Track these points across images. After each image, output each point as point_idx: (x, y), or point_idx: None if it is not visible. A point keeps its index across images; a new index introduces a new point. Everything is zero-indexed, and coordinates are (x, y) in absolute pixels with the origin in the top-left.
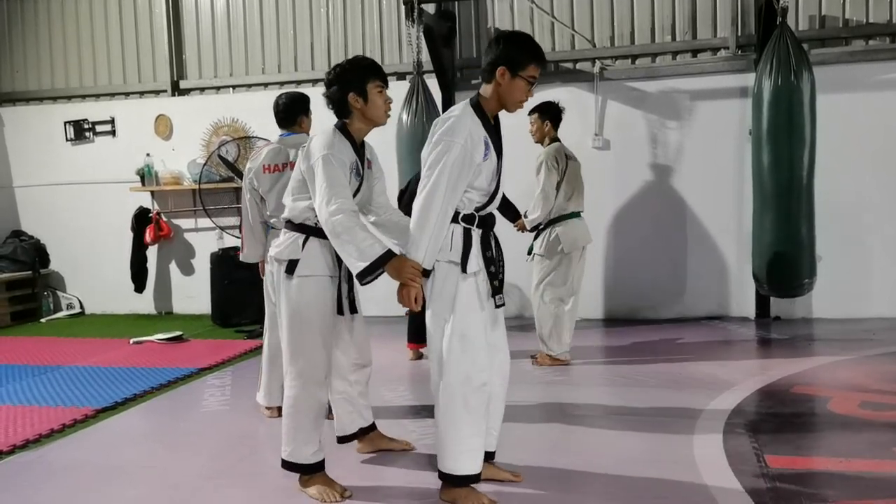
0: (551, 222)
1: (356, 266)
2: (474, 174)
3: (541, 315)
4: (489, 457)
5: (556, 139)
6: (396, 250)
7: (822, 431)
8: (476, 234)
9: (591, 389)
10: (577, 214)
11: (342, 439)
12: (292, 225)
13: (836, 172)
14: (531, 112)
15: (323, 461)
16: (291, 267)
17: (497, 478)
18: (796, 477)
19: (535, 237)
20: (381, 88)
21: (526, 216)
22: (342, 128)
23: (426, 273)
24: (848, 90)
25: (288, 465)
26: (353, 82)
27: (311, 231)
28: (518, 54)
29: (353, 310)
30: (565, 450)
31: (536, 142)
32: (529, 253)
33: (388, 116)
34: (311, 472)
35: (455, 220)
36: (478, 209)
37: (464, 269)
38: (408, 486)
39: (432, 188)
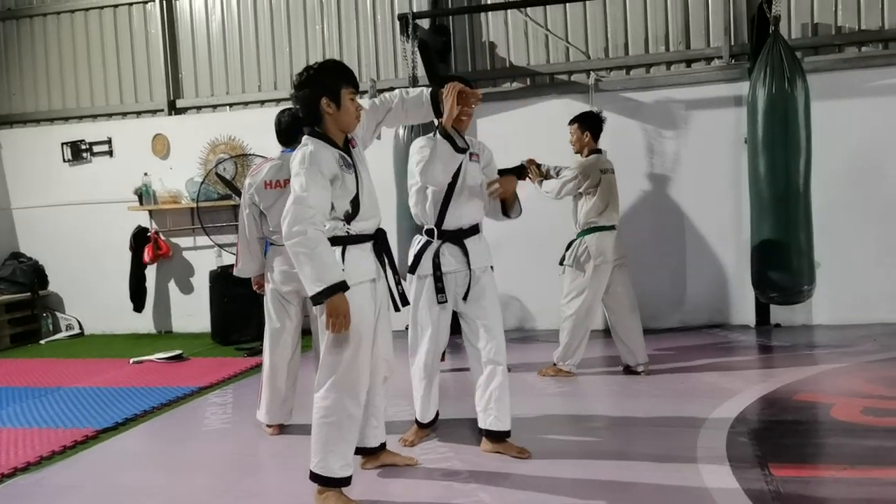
0: (582, 234)
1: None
2: None
3: (565, 326)
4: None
5: (596, 150)
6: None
7: (826, 438)
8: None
9: (593, 399)
10: (609, 227)
11: (359, 451)
12: None
13: (832, 179)
14: (571, 122)
15: (350, 477)
16: None
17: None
18: (800, 484)
19: (567, 248)
20: (354, 96)
21: (543, 180)
22: (316, 133)
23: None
24: (842, 97)
25: (314, 478)
26: (328, 86)
27: (345, 241)
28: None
29: (405, 302)
30: (568, 459)
31: (576, 152)
32: (561, 264)
33: (359, 122)
34: (336, 486)
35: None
36: None
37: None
38: (416, 500)
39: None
